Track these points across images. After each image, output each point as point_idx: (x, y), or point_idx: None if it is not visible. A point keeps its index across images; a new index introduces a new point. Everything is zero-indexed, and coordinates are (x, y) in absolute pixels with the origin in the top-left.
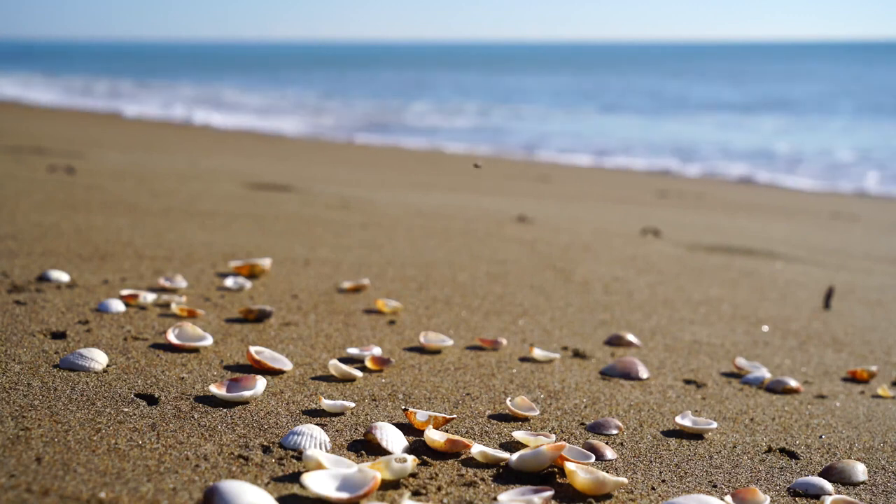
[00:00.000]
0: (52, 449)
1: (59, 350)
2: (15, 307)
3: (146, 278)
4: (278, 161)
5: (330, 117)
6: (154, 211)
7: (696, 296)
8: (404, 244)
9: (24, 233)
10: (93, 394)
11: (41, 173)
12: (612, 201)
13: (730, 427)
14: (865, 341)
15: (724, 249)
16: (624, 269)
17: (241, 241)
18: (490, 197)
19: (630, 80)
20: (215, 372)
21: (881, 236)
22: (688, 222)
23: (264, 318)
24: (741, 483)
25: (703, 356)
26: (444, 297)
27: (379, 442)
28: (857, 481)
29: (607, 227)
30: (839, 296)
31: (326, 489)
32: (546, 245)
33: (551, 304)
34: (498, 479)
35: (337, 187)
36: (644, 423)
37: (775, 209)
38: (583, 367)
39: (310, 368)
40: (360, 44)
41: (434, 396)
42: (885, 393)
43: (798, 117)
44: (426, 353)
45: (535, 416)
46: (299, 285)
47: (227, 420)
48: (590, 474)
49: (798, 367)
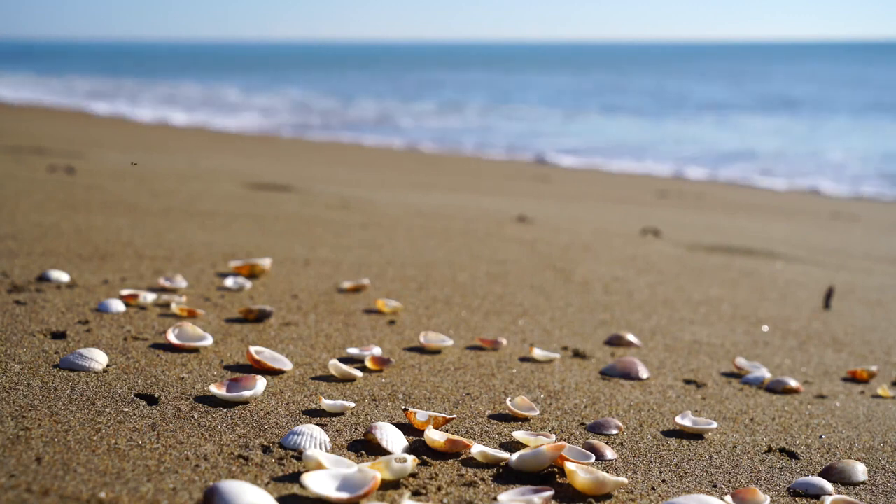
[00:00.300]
0: (52, 449)
1: (59, 350)
2: (15, 307)
3: (146, 278)
4: (278, 161)
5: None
6: (154, 211)
7: (696, 296)
8: (404, 244)
9: (24, 233)
10: (93, 394)
11: (41, 173)
12: (612, 201)
13: (730, 427)
14: (865, 341)
15: (724, 249)
16: (624, 269)
17: (241, 241)
18: (490, 197)
19: (630, 80)
20: (215, 372)
21: (881, 236)
22: (688, 222)
23: (264, 318)
24: (741, 483)
25: (703, 356)
26: (444, 297)
27: (379, 442)
28: (857, 481)
29: (607, 227)
30: (839, 296)
31: (326, 489)
32: (546, 245)
33: (551, 304)
34: (498, 479)
35: (337, 187)
36: (644, 423)
37: (775, 209)
38: (583, 367)
39: (310, 368)
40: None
41: (434, 396)
42: (885, 393)
43: (798, 117)
44: (426, 353)
45: (535, 416)
46: (299, 285)
47: (227, 420)
48: (590, 474)
49: (798, 367)
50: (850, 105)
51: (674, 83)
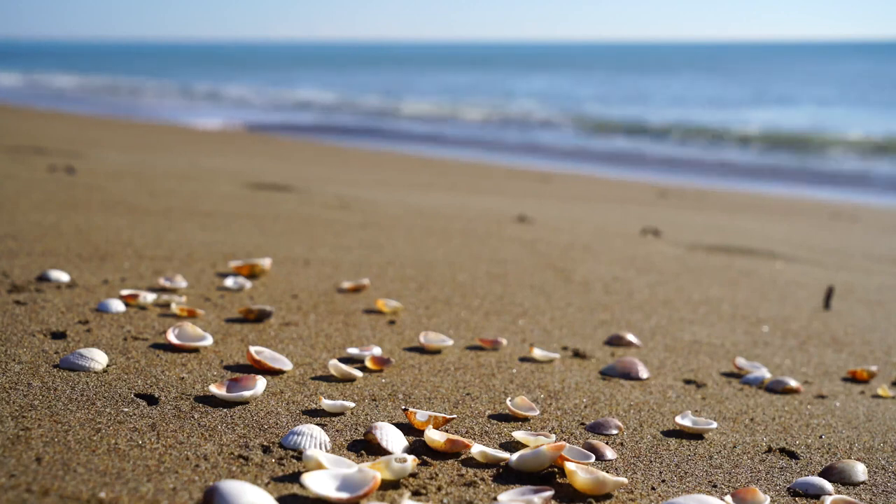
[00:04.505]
0: (52, 449)
1: (59, 350)
2: (15, 307)
3: (146, 278)
4: (278, 161)
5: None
6: (154, 211)
7: (696, 296)
8: (404, 244)
9: (24, 233)
10: (93, 394)
11: (41, 173)
12: (612, 201)
13: (730, 427)
14: (865, 341)
15: (724, 249)
16: (624, 269)
17: (241, 241)
18: (490, 197)
19: (631, 79)
20: (215, 372)
21: (881, 236)
22: (688, 222)
23: (264, 318)
24: (741, 483)
25: (703, 356)
26: (444, 297)
27: (379, 442)
28: (857, 481)
29: (607, 227)
30: (839, 296)
31: (326, 489)
32: (546, 245)
33: (551, 304)
34: (498, 479)
35: (337, 187)
36: (644, 423)
37: (775, 209)
38: (583, 367)
39: (310, 368)
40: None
41: (434, 396)
42: (885, 393)
43: (798, 116)
44: (426, 353)
45: (535, 416)
46: (299, 285)
47: (227, 420)
48: (590, 474)
49: (798, 367)
50: (852, 104)
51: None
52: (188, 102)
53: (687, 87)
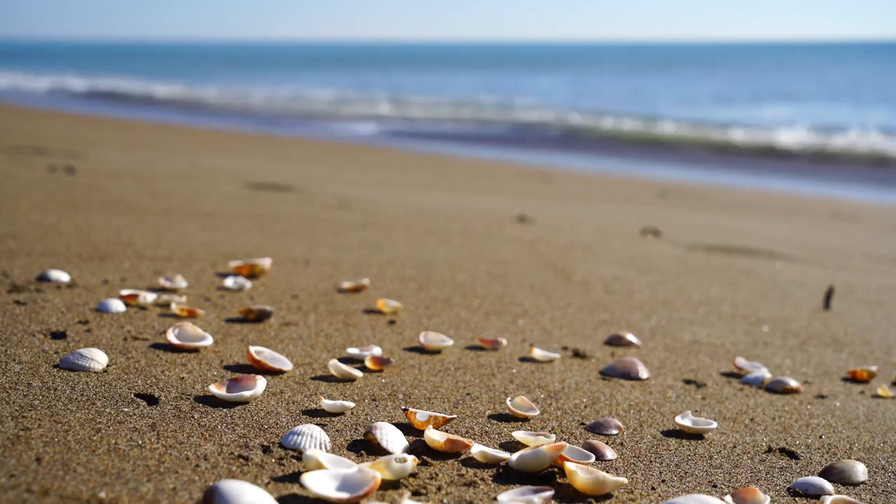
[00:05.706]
0: (52, 449)
1: (59, 350)
2: (15, 307)
3: (146, 278)
4: (278, 161)
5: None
6: (154, 211)
7: (696, 296)
8: (404, 244)
9: (24, 233)
10: (93, 394)
11: (41, 173)
12: (612, 201)
13: (730, 427)
14: (865, 341)
15: (724, 249)
16: (624, 269)
17: (241, 241)
18: (490, 197)
19: (630, 79)
20: (215, 372)
21: (881, 236)
22: (688, 222)
23: (264, 318)
24: (741, 483)
25: (703, 356)
26: (444, 297)
27: (379, 442)
28: (857, 481)
29: (607, 227)
30: (839, 296)
31: (326, 489)
32: (546, 245)
33: (551, 304)
34: (498, 479)
35: (337, 187)
36: (644, 423)
37: (775, 209)
38: (583, 367)
39: (310, 368)
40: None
41: (434, 396)
42: (885, 393)
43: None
44: (426, 353)
45: (535, 416)
46: (299, 285)
47: (227, 420)
48: (590, 474)
49: (798, 367)
50: (851, 104)
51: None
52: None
53: (686, 87)
